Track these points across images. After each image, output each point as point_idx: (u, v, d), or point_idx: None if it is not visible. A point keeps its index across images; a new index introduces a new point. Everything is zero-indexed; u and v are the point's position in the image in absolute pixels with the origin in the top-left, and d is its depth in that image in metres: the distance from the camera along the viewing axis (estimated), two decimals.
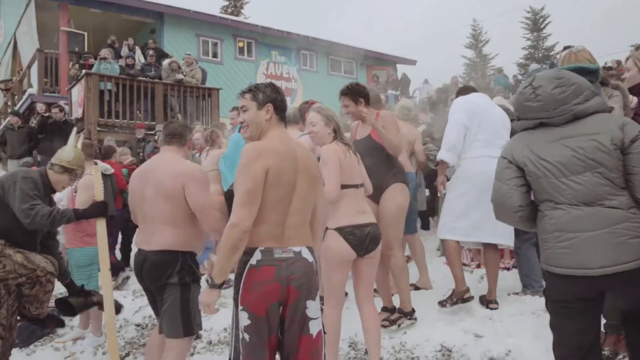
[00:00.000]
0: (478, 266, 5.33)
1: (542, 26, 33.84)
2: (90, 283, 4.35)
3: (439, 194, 4.32)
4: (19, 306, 3.31)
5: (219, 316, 4.44)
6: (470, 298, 3.97)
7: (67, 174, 3.50)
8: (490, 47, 37.13)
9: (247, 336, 2.18)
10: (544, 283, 3.04)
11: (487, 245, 4.08)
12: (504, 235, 3.95)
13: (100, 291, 4.37)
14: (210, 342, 4.08)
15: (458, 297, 3.95)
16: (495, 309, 3.96)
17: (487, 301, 4.04)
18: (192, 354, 3.90)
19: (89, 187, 4.09)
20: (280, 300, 2.20)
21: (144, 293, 5.14)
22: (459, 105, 4.09)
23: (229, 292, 5.12)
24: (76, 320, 4.73)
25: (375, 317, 3.20)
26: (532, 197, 2.33)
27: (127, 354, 4.12)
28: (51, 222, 3.24)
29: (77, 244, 4.36)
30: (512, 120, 4.72)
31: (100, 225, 3.41)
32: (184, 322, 2.85)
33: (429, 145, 5.47)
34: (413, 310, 3.83)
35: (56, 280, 3.45)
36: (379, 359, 3.17)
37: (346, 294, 4.43)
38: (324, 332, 2.37)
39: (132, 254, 5.79)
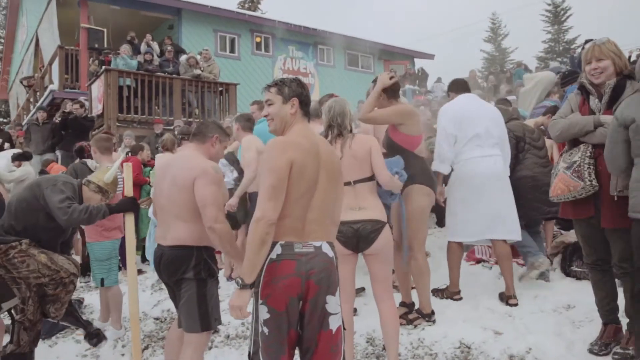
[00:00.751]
0: (496, 262, 5.27)
1: (562, 19, 33.28)
2: (109, 277, 4.40)
3: (440, 204, 4.34)
4: (41, 303, 3.38)
5: None
6: (460, 298, 4.20)
7: (101, 194, 3.58)
8: (509, 40, 36.69)
9: (266, 330, 2.20)
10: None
11: (495, 241, 4.10)
12: (511, 231, 4.01)
13: (120, 284, 4.45)
14: (228, 336, 4.09)
15: (448, 295, 4.25)
16: (515, 304, 3.93)
17: (507, 297, 4.00)
18: (210, 348, 3.92)
19: None
20: (300, 294, 2.19)
21: (162, 287, 5.23)
22: (444, 113, 4.18)
23: None
24: (96, 313, 4.80)
25: (393, 314, 3.17)
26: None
27: (147, 347, 4.16)
28: (88, 217, 3.30)
29: (97, 238, 4.39)
30: (511, 120, 4.69)
31: (129, 220, 3.43)
32: (201, 317, 2.85)
33: (432, 140, 5.41)
34: (432, 313, 3.81)
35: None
36: (397, 355, 3.15)
37: (363, 289, 4.46)
38: (344, 329, 2.36)
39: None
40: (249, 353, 2.40)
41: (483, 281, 4.69)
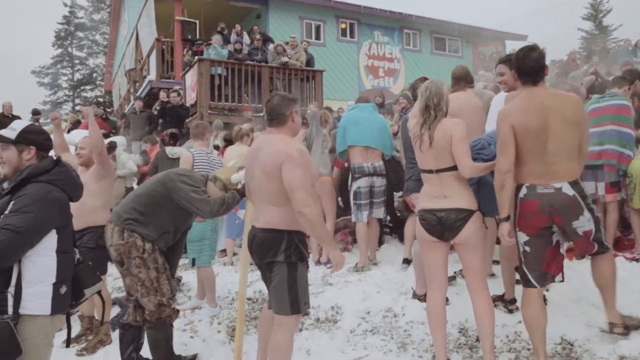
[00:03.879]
0: None
1: None
2: (201, 257, 4.62)
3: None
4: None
5: (326, 295, 4.54)
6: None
7: (223, 192, 3.69)
8: (612, 17, 33.73)
9: (527, 248, 2.93)
10: None
11: None
12: None
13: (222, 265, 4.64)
14: (317, 319, 4.15)
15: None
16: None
17: None
18: (300, 330, 3.99)
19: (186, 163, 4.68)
20: (548, 225, 2.87)
21: (253, 268, 5.39)
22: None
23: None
24: (193, 290, 5.05)
25: (487, 306, 3.05)
26: None
27: None
28: (226, 208, 3.44)
29: None
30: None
31: (249, 204, 3.45)
32: (291, 300, 2.88)
33: None
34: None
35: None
36: (492, 348, 3.03)
37: (454, 277, 4.34)
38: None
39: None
40: (516, 267, 3.21)
41: (585, 275, 4.39)
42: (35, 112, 15.01)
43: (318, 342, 3.81)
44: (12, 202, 2.31)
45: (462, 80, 4.25)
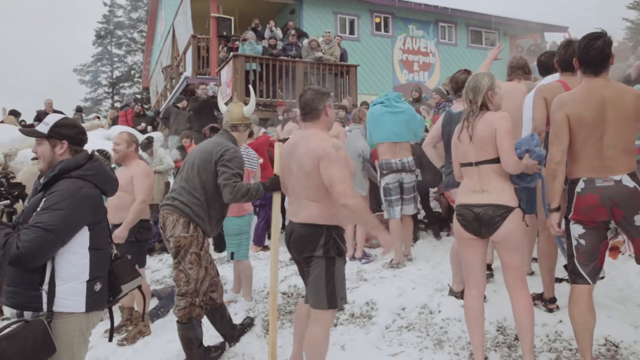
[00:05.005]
0: None
1: None
2: (239, 251, 4.66)
3: None
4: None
5: (361, 290, 4.52)
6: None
7: (247, 129, 3.90)
8: None
9: (582, 242, 2.82)
10: None
11: None
12: None
13: (251, 259, 4.67)
14: (352, 315, 4.14)
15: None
16: None
17: None
18: (336, 325, 3.99)
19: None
20: (607, 219, 2.76)
21: (288, 263, 5.43)
22: None
23: (369, 267, 5.20)
24: (229, 284, 5.12)
25: (527, 305, 2.96)
26: None
27: None
28: (248, 198, 3.45)
29: (229, 214, 4.59)
30: None
31: (276, 198, 3.51)
32: (329, 295, 2.88)
33: None
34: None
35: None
36: (532, 347, 2.95)
37: (492, 275, 4.26)
38: None
39: None
40: (564, 265, 3.07)
41: (629, 275, 4.23)
42: (79, 109, 15.49)
43: (353, 337, 3.80)
44: (43, 199, 2.28)
45: (519, 69, 4.15)
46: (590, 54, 2.76)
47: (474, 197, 2.97)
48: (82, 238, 2.32)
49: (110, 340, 2.75)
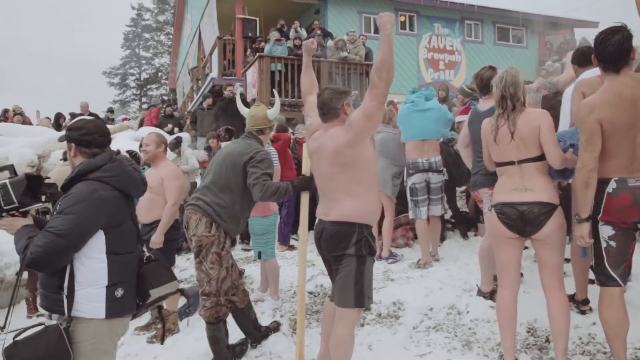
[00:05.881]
0: None
1: None
2: (266, 250, 4.69)
3: None
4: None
5: (388, 290, 4.50)
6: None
7: (271, 131, 3.98)
8: None
9: (613, 243, 2.72)
10: None
11: None
12: None
13: (277, 260, 4.69)
14: (379, 315, 4.13)
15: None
16: None
17: None
18: (362, 325, 3.99)
19: None
20: (638, 220, 2.66)
21: (314, 263, 5.44)
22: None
23: (396, 267, 5.17)
24: (256, 283, 5.15)
25: (563, 305, 2.91)
26: None
27: None
28: (277, 196, 3.47)
29: (255, 214, 4.65)
30: None
31: (304, 197, 3.54)
32: (356, 294, 2.87)
33: None
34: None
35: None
36: (565, 351, 2.89)
37: (521, 275, 4.18)
38: None
39: None
40: (591, 266, 2.95)
41: None
42: (109, 110, 15.89)
43: (380, 337, 3.78)
44: (58, 203, 2.23)
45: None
46: (608, 50, 2.65)
47: (517, 195, 2.92)
48: (98, 242, 2.22)
49: (162, 342, 2.74)
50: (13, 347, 2.10)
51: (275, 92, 4.41)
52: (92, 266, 2.21)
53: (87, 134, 2.37)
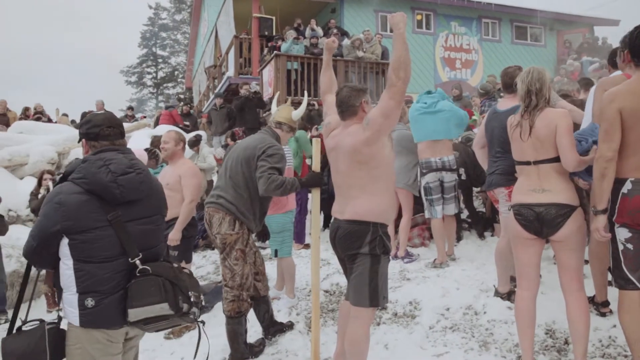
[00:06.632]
0: None
1: None
2: (282, 248, 4.70)
3: None
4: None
5: (404, 289, 4.49)
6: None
7: (291, 133, 3.88)
8: None
9: (630, 246, 2.64)
10: None
11: None
12: None
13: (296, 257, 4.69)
14: (395, 314, 4.12)
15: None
16: None
17: None
18: (378, 324, 3.98)
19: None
20: None
21: (330, 262, 5.44)
22: None
23: (412, 267, 5.16)
24: (272, 281, 5.17)
25: (583, 308, 2.88)
26: None
27: None
28: (282, 190, 3.43)
29: (272, 212, 4.66)
30: None
31: (316, 195, 3.54)
32: (371, 293, 2.86)
33: None
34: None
35: None
36: (585, 353, 2.86)
37: (540, 276, 4.14)
38: None
39: None
40: (609, 267, 2.82)
41: None
42: (129, 108, 16.16)
43: (396, 336, 3.78)
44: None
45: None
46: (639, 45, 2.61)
47: (534, 196, 2.89)
48: (63, 247, 2.12)
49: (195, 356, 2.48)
50: (7, 339, 2.17)
51: (305, 95, 4.42)
52: (63, 271, 2.15)
53: (94, 127, 2.28)
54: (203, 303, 4.97)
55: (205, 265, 6.54)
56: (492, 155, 3.91)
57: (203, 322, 2.34)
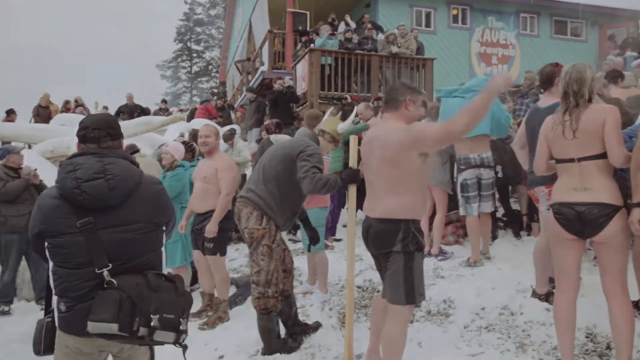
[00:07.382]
0: None
1: None
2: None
3: None
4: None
5: (438, 288, 4.44)
6: None
7: (333, 144, 3.78)
8: None
9: None
10: None
11: None
12: None
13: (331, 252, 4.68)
14: (429, 312, 4.08)
15: None
16: None
17: None
18: (412, 322, 3.94)
19: None
20: None
21: (362, 257, 5.42)
22: None
23: (446, 265, 5.09)
24: (304, 276, 5.19)
25: (627, 312, 2.78)
26: None
27: None
28: (327, 188, 3.41)
29: (311, 205, 4.62)
30: None
31: (352, 190, 3.52)
32: (407, 291, 2.84)
33: None
34: None
35: None
36: (630, 358, 2.77)
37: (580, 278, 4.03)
38: None
39: None
40: None
41: None
42: (163, 101, 16.49)
43: (430, 335, 3.74)
44: None
45: None
46: None
47: (576, 195, 2.80)
48: (46, 249, 2.13)
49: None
50: (39, 321, 2.23)
51: (356, 108, 4.41)
52: (49, 271, 2.16)
53: (81, 129, 2.24)
54: (236, 298, 5.03)
55: (237, 258, 6.62)
56: (533, 153, 3.81)
57: (185, 347, 2.21)
